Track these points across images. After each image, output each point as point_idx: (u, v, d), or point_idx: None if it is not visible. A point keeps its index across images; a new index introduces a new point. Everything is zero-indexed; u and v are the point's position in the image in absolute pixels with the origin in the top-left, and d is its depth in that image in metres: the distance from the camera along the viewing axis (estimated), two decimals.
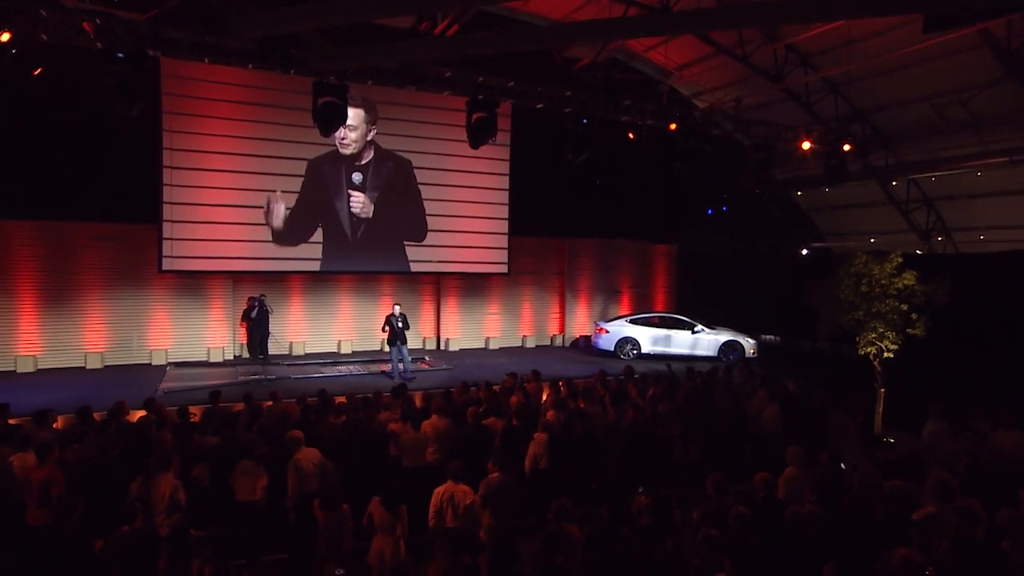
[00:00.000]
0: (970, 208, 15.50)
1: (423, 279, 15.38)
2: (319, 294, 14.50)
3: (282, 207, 13.30)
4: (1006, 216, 14.49)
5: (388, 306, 14.41)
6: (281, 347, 13.91)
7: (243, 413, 7.62)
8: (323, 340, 14.48)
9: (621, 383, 9.90)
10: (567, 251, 16.86)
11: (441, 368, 12.91)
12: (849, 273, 9.02)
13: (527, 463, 7.02)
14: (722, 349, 14.36)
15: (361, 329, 14.83)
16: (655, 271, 18.15)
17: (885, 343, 8.91)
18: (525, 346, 16.20)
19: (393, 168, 14.28)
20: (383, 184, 14.18)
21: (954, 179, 15.02)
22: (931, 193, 16.11)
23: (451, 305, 15.63)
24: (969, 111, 13.50)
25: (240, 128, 12.73)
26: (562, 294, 16.93)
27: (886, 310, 8.60)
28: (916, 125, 14.59)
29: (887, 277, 8.77)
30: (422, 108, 14.10)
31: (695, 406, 8.94)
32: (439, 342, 15.54)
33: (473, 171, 14.80)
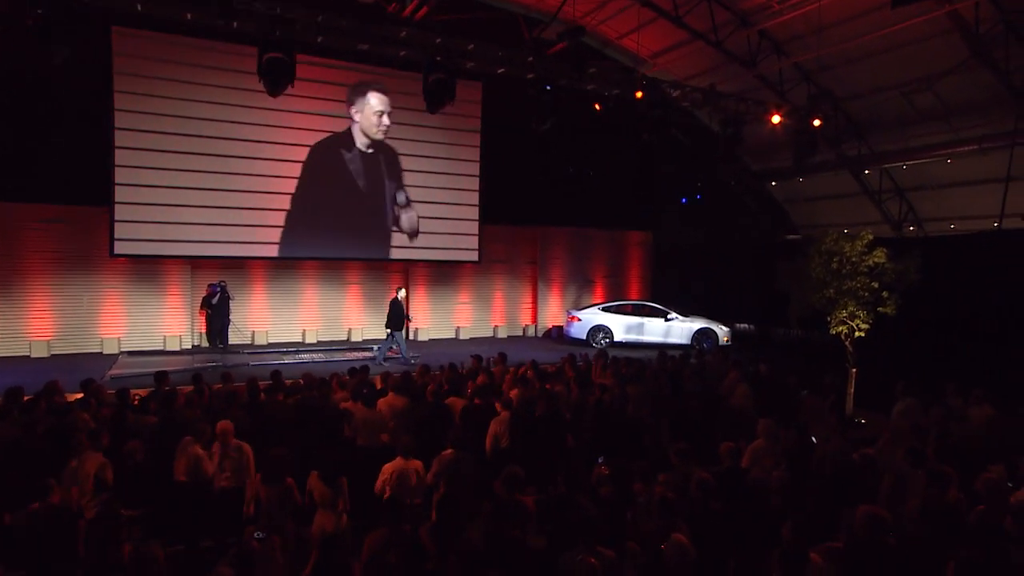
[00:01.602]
0: (941, 198, 15.58)
1: (391, 267, 15.10)
2: (282, 281, 14.10)
3: None
4: (976, 205, 14.57)
5: (356, 294, 14.28)
6: (242, 336, 13.46)
7: (185, 393, 7.23)
8: (286, 329, 14.09)
9: (589, 364, 9.64)
10: (540, 239, 16.72)
11: (410, 356, 12.54)
12: (820, 251, 8.94)
13: (488, 442, 6.76)
14: (695, 337, 14.32)
15: (326, 318, 14.48)
16: (629, 260, 18.08)
17: (856, 322, 8.84)
18: (497, 336, 16.04)
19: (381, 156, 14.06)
20: (371, 171, 13.90)
21: (925, 169, 15.09)
22: (903, 183, 16.18)
23: (420, 294, 15.35)
24: (939, 98, 13.56)
25: (197, 108, 12.24)
26: (534, 283, 16.78)
27: (857, 287, 8.48)
28: (888, 113, 14.65)
29: (858, 255, 8.69)
30: (393, 93, 13.83)
31: (665, 387, 8.81)
32: (408, 331, 14.94)
33: (443, 157, 14.57)
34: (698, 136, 18.26)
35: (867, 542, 3.45)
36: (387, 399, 7.17)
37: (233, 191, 12.75)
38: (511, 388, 7.96)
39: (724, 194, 18.75)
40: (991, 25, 11.25)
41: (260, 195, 12.97)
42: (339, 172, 13.62)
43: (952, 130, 13.70)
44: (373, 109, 13.63)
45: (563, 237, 17.01)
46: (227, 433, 5.57)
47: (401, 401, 7.17)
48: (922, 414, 7.15)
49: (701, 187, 18.56)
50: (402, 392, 7.35)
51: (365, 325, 14.79)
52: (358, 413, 6.72)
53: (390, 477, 5.48)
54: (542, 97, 9.07)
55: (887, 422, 8.05)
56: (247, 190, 12.87)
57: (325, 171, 13.45)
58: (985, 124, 12.90)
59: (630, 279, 17.99)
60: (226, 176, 12.64)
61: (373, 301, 14.89)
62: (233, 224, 12.75)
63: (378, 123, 13.59)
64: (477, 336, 15.64)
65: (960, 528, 4.01)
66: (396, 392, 7.24)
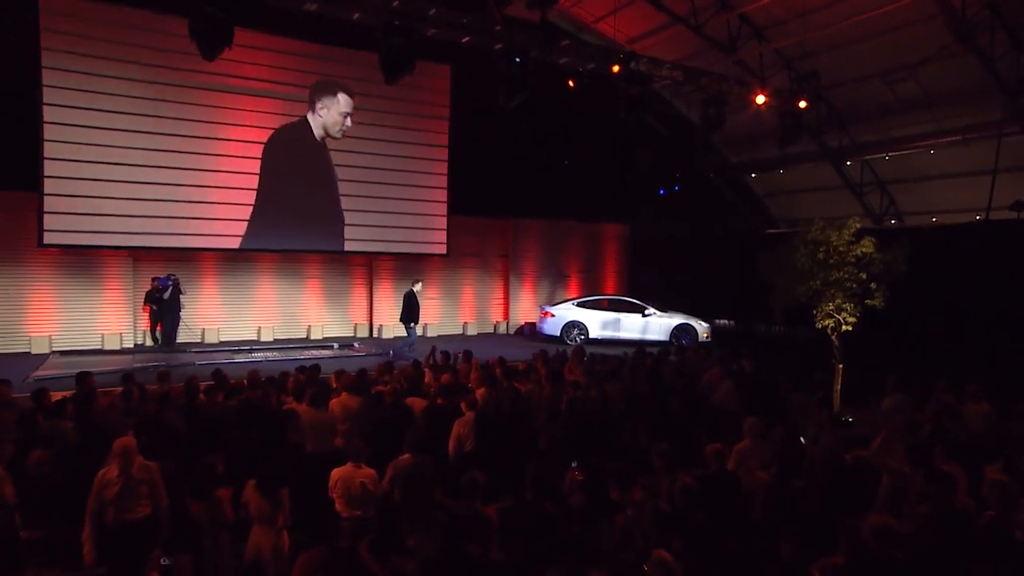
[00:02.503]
0: (923, 191, 15.58)
1: (353, 260, 14.61)
2: (235, 275, 13.44)
3: None
4: (958, 198, 14.56)
5: (316, 288, 13.92)
6: (192, 334, 12.76)
7: (112, 395, 6.59)
8: (240, 326, 13.44)
9: (562, 361, 9.30)
10: (511, 232, 16.41)
11: (372, 354, 12.14)
12: (806, 241, 8.69)
13: (451, 445, 6.34)
14: (674, 333, 14.11)
15: (283, 314, 13.89)
16: (605, 253, 17.83)
17: (843, 315, 8.60)
18: (466, 333, 15.69)
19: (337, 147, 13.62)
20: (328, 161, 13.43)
21: (907, 161, 15.07)
22: (884, 176, 16.17)
23: (385, 288, 14.87)
24: (923, 87, 13.50)
25: (138, 88, 11.49)
26: (506, 278, 16.45)
27: (844, 278, 8.25)
28: (870, 103, 14.57)
29: (845, 244, 8.47)
30: (354, 79, 13.33)
31: (643, 385, 8.50)
32: (371, 328, 14.78)
33: (410, 143, 14.10)
34: (676, 126, 18.12)
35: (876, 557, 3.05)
36: (340, 399, 6.67)
37: (178, 177, 12.03)
38: (478, 387, 7.45)
39: (703, 186, 18.64)
40: (977, 10, 11.13)
41: (209, 183, 12.31)
42: (295, 162, 13.03)
43: (935, 120, 13.68)
44: (341, 109, 13.23)
45: (536, 229, 16.71)
46: (129, 452, 4.48)
47: (355, 401, 6.67)
48: (914, 411, 6.86)
49: (679, 178, 18.44)
50: (357, 392, 6.83)
51: (325, 322, 14.30)
52: (305, 415, 6.18)
53: (335, 486, 4.98)
54: (511, 70, 8.59)
55: (875, 419, 7.90)
56: (194, 177, 12.15)
57: (280, 160, 12.85)
58: (969, 114, 12.89)
59: (606, 273, 17.72)
60: (170, 160, 11.91)
61: (334, 296, 14.43)
62: (179, 216, 12.04)
63: (342, 124, 13.24)
64: (445, 333, 15.25)
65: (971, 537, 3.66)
66: (350, 392, 6.71)
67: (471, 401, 6.64)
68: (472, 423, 6.39)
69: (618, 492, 4.62)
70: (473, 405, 6.59)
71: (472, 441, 6.36)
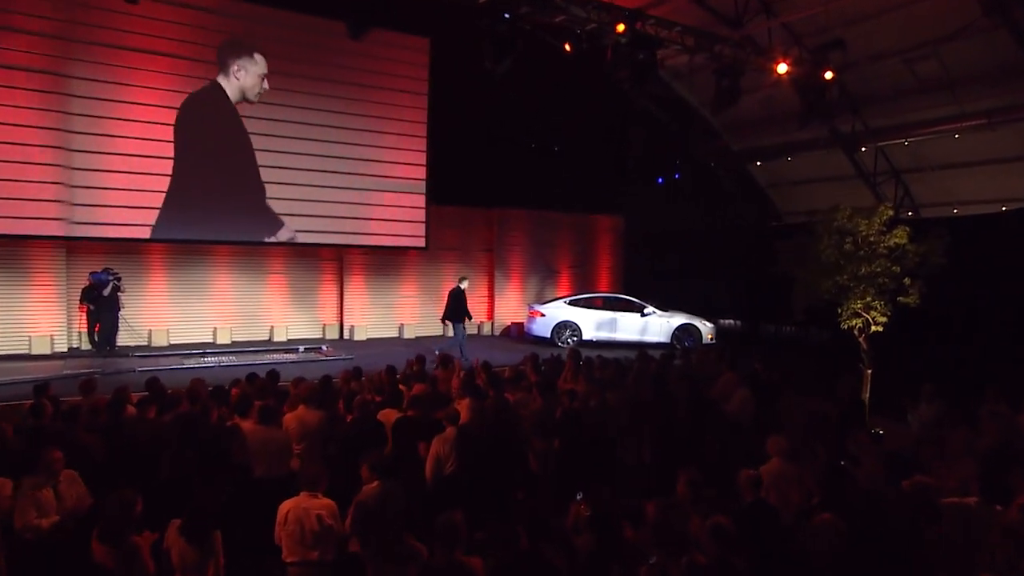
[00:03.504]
0: (941, 181, 15.15)
1: (322, 254, 13.93)
2: (187, 270, 12.61)
3: None
4: (980, 189, 14.14)
5: (280, 284, 13.37)
6: (137, 336, 11.89)
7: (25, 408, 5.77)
8: (193, 327, 12.64)
9: (556, 366, 8.74)
10: (496, 223, 15.89)
11: (340, 358, 11.44)
12: (831, 230, 8.07)
13: (428, 467, 5.69)
14: (676, 334, 13.63)
15: (243, 314, 13.11)
16: (598, 247, 17.33)
17: (873, 314, 8.06)
18: (447, 334, 14.56)
19: None
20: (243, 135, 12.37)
21: (924, 148, 14.63)
22: (899, 164, 15.72)
23: (356, 285, 14.23)
24: (944, 67, 13.01)
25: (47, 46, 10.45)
26: (491, 273, 15.91)
27: (878, 271, 7.71)
28: (887, 84, 14.09)
29: (876, 234, 7.90)
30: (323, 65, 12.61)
31: (647, 393, 7.91)
32: (342, 329, 14.13)
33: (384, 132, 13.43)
34: (675, 111, 17.61)
35: None
36: (296, 413, 5.95)
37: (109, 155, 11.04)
38: (460, 397, 6.78)
39: (704, 175, 18.17)
40: None
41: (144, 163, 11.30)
42: (213, 134, 11.97)
43: (957, 103, 13.21)
44: (259, 71, 12.20)
45: (523, 221, 16.19)
46: None
47: (314, 416, 5.94)
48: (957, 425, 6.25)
49: (679, 166, 17.97)
50: (318, 403, 6.11)
51: (290, 322, 13.57)
52: (252, 433, 5.40)
53: (284, 521, 4.23)
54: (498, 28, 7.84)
55: (909, 433, 7.39)
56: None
57: (197, 133, 11.72)
58: (995, 96, 12.44)
59: (599, 269, 17.24)
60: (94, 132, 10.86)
61: (300, 294, 13.73)
62: (115, 204, 11.10)
63: (260, 87, 12.23)
64: (424, 335, 14.61)
65: None
66: (308, 404, 5.96)
67: (452, 414, 5.99)
68: (453, 440, 5.74)
69: (633, 531, 3.93)
70: (455, 419, 5.94)
71: (454, 461, 5.71)
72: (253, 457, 5.39)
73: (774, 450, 5.18)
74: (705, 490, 4.23)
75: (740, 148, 17.90)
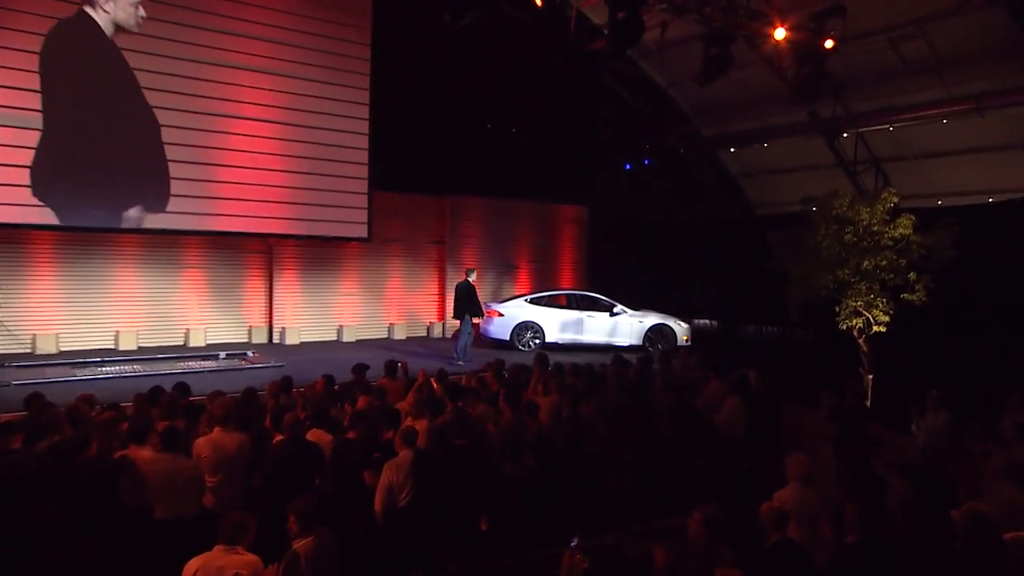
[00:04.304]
0: (924, 170, 15.19)
1: (248, 246, 13.20)
2: (82, 261, 11.58)
3: None
4: (965, 179, 14.20)
5: (197, 280, 12.75)
6: (18, 342, 10.82)
7: None
8: (90, 331, 11.69)
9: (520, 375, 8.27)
10: (449, 212, 15.57)
11: (268, 365, 10.79)
12: (829, 218, 7.70)
13: (379, 499, 5.07)
14: (648, 336, 13.42)
15: (153, 315, 12.29)
16: (561, 239, 17.21)
17: (874, 313, 7.82)
18: (393, 337, 14.65)
19: None
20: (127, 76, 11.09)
21: (906, 135, 14.66)
22: (880, 152, 15.72)
23: (288, 281, 13.64)
24: (932, 48, 12.98)
25: None
26: (442, 268, 15.54)
27: (883, 265, 7.44)
28: (870, 66, 14.01)
29: (879, 224, 7.58)
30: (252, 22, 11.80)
31: (625, 404, 7.60)
32: (271, 332, 13.44)
33: (320, 111, 12.77)
34: (643, 92, 17.37)
35: None
36: (211, 437, 5.17)
37: None
38: (416, 414, 6.18)
39: (674, 162, 18.06)
40: None
41: None
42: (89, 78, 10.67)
43: (944, 86, 13.19)
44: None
45: (479, 210, 15.95)
46: None
47: (234, 440, 5.18)
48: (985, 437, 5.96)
49: (650, 151, 17.80)
50: (238, 424, 5.38)
51: (210, 324, 12.79)
52: (151, 464, 4.60)
53: None
54: None
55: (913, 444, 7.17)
56: None
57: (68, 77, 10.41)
58: (985, 79, 12.45)
59: (562, 264, 17.12)
60: None
61: (222, 292, 12.97)
62: None
63: (135, 14, 11.02)
64: (366, 338, 14.28)
65: None
66: (227, 424, 5.20)
67: (407, 434, 5.36)
68: (409, 467, 5.14)
69: None
70: (411, 440, 5.32)
71: (409, 492, 5.12)
72: (154, 494, 4.61)
73: (794, 473, 4.72)
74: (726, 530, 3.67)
75: (711, 134, 17.74)
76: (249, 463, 5.22)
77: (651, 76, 17.04)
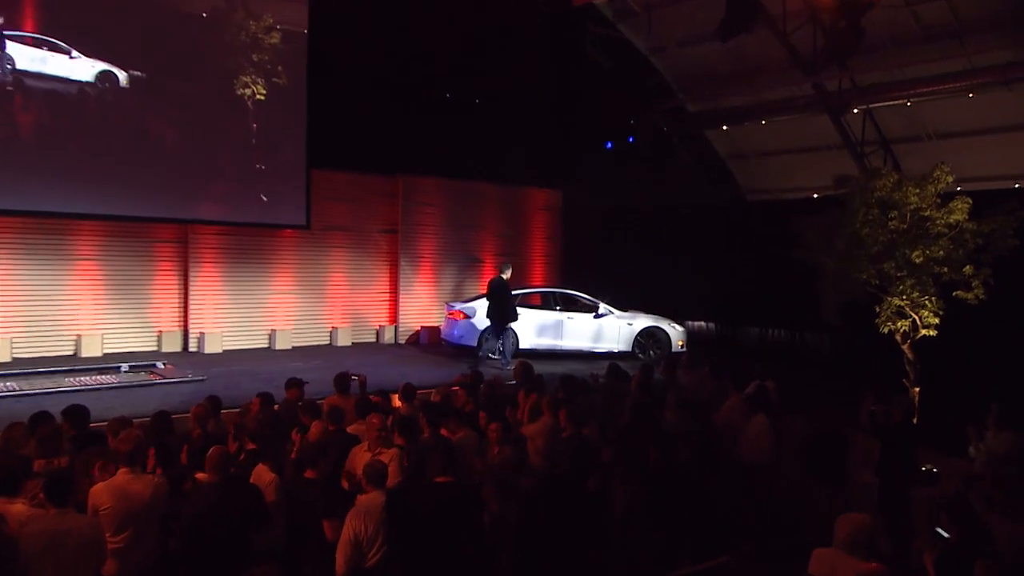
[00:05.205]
0: (939, 152, 15.15)
1: (157, 233, 12.74)
2: None
3: None
4: (986, 163, 14.25)
5: (93, 275, 12.32)
6: None
7: None
8: None
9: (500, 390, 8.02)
10: (402, 196, 15.31)
11: (186, 380, 10.28)
12: (869, 202, 7.46)
13: (341, 558, 4.60)
14: (638, 341, 13.30)
15: (35, 318, 11.70)
16: (531, 229, 17.20)
17: (922, 313, 7.61)
18: (335, 343, 14.39)
19: None
20: None
21: (921, 112, 14.63)
22: (890, 132, 15.71)
23: (208, 277, 13.20)
24: (953, 12, 12.97)
25: None
26: (394, 262, 15.29)
27: (940, 257, 7.25)
28: (883, 32, 13.92)
29: (931, 207, 7.44)
30: None
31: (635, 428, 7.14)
32: (186, 338, 12.96)
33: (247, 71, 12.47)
34: (622, 59, 17.23)
35: None
36: (114, 482, 4.53)
37: None
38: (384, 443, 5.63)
39: (659, 142, 18.04)
40: None
41: None
42: None
43: (966, 55, 13.18)
44: None
45: (437, 193, 15.81)
46: None
47: (144, 484, 4.58)
48: None
49: (635, 127, 17.74)
50: (157, 461, 4.97)
51: (109, 329, 12.19)
52: (28, 525, 4.01)
53: None
54: None
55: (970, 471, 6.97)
56: None
57: None
58: (1013, 47, 12.43)
59: (533, 257, 17.08)
60: None
61: (124, 290, 12.40)
62: None
63: None
64: (304, 344, 14.01)
65: None
66: (132, 465, 4.58)
67: (374, 472, 4.89)
68: (380, 514, 4.76)
69: None
70: (379, 479, 4.88)
71: (380, 547, 4.72)
72: (32, 565, 3.91)
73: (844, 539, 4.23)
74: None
75: (698, 109, 17.71)
76: (166, 516, 4.66)
77: (631, 41, 16.82)
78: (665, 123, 18.25)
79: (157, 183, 11.82)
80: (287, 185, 13.15)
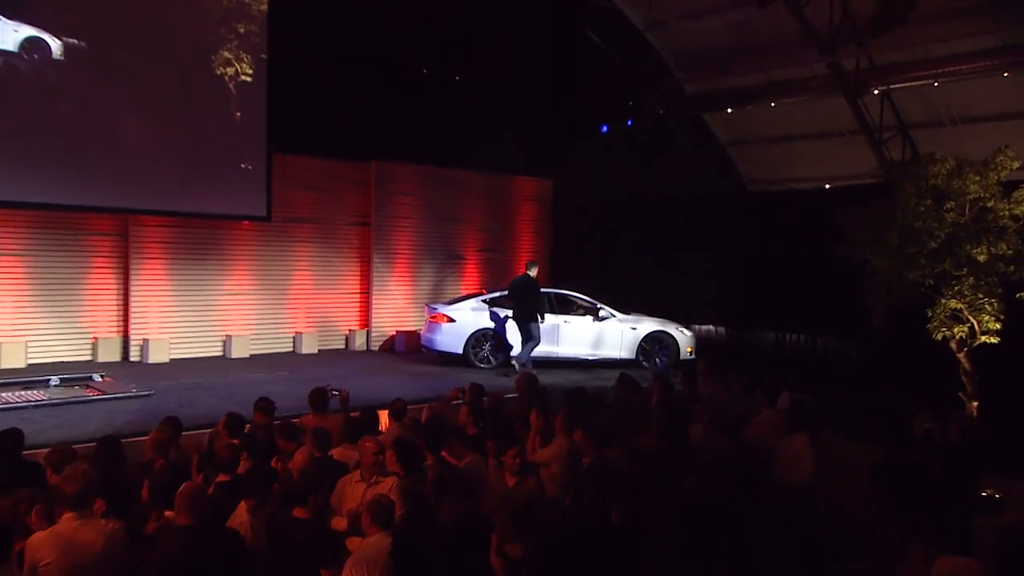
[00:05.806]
0: (961, 139, 15.19)
1: (93, 224, 12.50)
2: None
3: None
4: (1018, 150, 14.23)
5: (15, 273, 12.22)
6: None
7: None
8: None
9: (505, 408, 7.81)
10: (375, 184, 15.20)
11: (129, 395, 9.80)
12: (923, 189, 7.39)
13: None
14: (643, 348, 13.18)
15: None
16: (518, 222, 17.25)
17: (982, 317, 7.41)
18: (299, 350, 14.24)
19: None
20: None
21: (942, 95, 14.59)
22: (909, 117, 15.66)
23: (151, 276, 12.96)
24: None
25: None
26: (366, 259, 15.18)
27: (1007, 254, 7.08)
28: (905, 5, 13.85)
29: (995, 196, 7.28)
30: None
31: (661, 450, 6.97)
32: (126, 346, 12.65)
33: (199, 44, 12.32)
34: (618, 38, 17.13)
35: None
36: (55, 530, 4.09)
37: None
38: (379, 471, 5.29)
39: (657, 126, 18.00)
40: None
41: None
42: None
43: (997, 30, 13.16)
44: None
45: (414, 182, 15.73)
46: None
47: (95, 533, 4.14)
48: None
49: (633, 108, 17.68)
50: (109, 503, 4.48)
51: (35, 335, 11.93)
52: None
53: None
54: None
55: None
56: None
57: None
58: None
59: (520, 253, 16.94)
60: None
61: (55, 289, 12.14)
62: None
63: None
64: (264, 352, 13.83)
65: None
66: (81, 508, 4.14)
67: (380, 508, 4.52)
68: (386, 561, 4.39)
69: None
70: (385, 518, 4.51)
71: None
72: None
73: None
74: None
75: (697, 90, 17.66)
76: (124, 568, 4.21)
77: (628, 16, 16.69)
78: (661, 105, 18.20)
79: (93, 167, 11.56)
80: (244, 171, 13.01)
